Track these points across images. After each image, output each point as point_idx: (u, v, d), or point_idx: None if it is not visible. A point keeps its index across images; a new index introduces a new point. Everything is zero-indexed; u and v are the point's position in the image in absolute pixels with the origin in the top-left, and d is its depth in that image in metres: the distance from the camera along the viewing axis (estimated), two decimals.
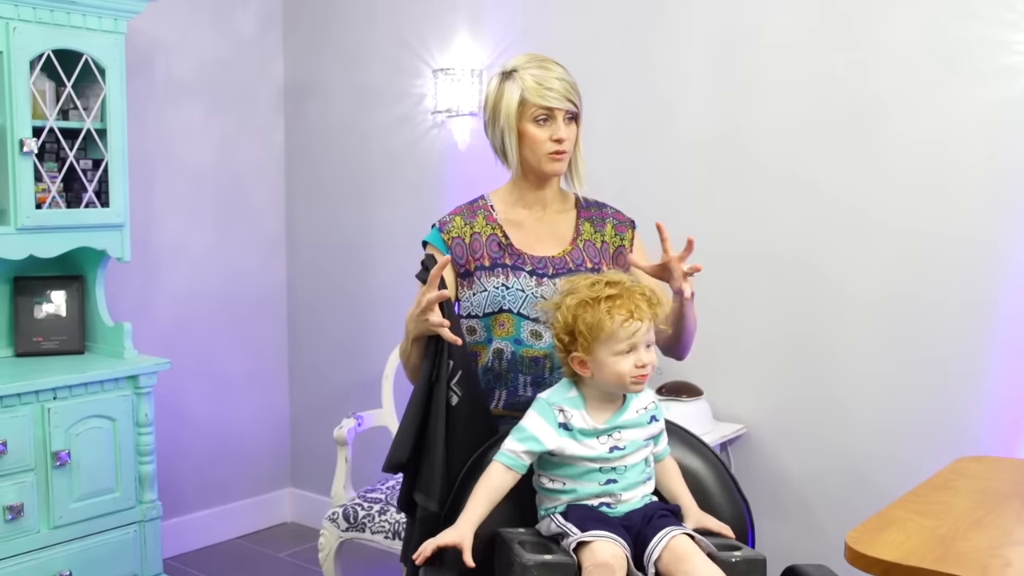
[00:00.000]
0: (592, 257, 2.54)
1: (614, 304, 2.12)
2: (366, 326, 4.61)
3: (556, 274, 2.48)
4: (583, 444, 2.16)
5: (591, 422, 2.16)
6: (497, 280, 2.46)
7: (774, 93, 3.42)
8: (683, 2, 3.58)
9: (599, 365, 2.14)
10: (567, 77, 2.47)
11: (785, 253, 3.42)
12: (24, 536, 3.50)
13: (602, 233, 2.59)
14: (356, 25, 4.59)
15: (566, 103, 2.44)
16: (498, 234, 2.51)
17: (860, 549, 2.03)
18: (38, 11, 3.59)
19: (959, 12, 3.04)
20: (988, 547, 2.05)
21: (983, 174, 3.04)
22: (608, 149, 3.80)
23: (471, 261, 2.48)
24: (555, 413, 2.17)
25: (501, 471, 2.17)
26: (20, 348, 3.94)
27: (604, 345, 2.12)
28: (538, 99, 2.42)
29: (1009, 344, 3.02)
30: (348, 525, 3.55)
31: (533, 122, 2.44)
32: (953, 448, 3.05)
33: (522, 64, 2.47)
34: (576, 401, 2.19)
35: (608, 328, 2.10)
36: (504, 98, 2.46)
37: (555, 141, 2.44)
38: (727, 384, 3.57)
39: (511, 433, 2.20)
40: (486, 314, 2.46)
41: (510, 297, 2.45)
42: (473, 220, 2.53)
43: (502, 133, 2.48)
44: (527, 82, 2.43)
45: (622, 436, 2.18)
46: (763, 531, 3.49)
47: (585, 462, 2.16)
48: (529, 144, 2.46)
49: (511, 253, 2.49)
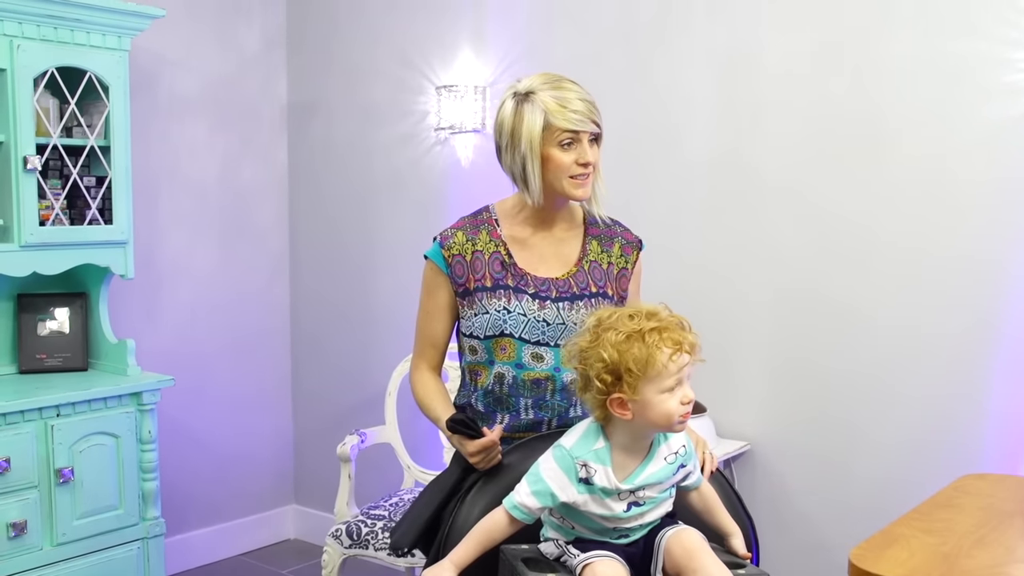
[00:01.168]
0: (597, 280, 2.47)
1: (660, 337, 1.97)
2: (369, 343, 4.61)
3: (560, 297, 2.41)
4: (602, 503, 2.03)
5: (614, 480, 2.02)
6: (499, 303, 2.39)
7: (776, 113, 3.42)
8: (684, 21, 3.59)
9: (644, 405, 1.97)
10: (588, 96, 2.39)
11: (789, 272, 3.42)
12: (27, 553, 3.49)
13: (609, 253, 2.52)
14: (359, 43, 4.61)
15: (591, 125, 2.37)
16: (501, 252, 2.44)
17: (864, 567, 2.01)
18: (42, 28, 3.61)
19: (961, 31, 3.05)
20: (991, 564, 2.05)
21: (985, 193, 3.04)
22: (610, 168, 3.77)
23: (471, 280, 2.42)
24: (577, 467, 2.02)
25: (506, 522, 2.06)
26: (23, 365, 3.94)
27: (652, 383, 1.96)
28: (564, 123, 2.33)
29: (1012, 362, 3.02)
30: (351, 542, 3.54)
31: (558, 147, 2.35)
32: (957, 466, 3.04)
33: (538, 85, 2.36)
34: (603, 455, 2.03)
35: (659, 363, 1.95)
36: (525, 122, 2.35)
37: (582, 165, 2.37)
38: (731, 402, 3.57)
39: (526, 479, 2.06)
40: (487, 336, 2.41)
41: (512, 321, 2.39)
42: (476, 236, 2.45)
43: (523, 160, 2.36)
44: (550, 105, 2.33)
45: (644, 494, 2.05)
46: (766, 548, 3.48)
47: (600, 520, 2.05)
48: (554, 170, 2.36)
49: (514, 274, 2.42)
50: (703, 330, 2.59)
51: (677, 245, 3.64)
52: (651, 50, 3.68)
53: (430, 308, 2.51)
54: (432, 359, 2.55)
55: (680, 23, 3.60)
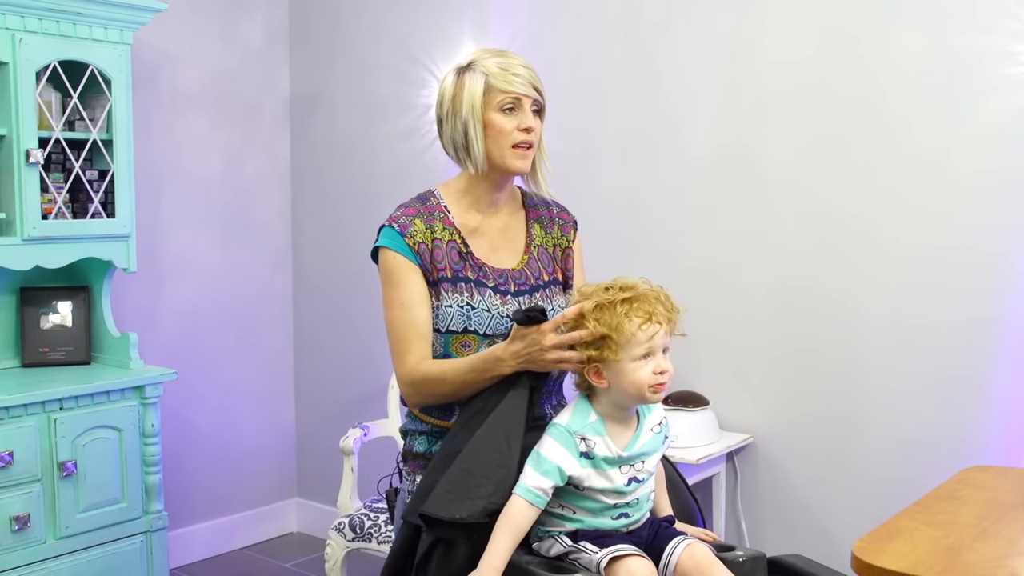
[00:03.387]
0: (546, 266, 2.44)
1: (631, 307, 2.02)
2: (371, 337, 4.61)
3: (519, 291, 2.36)
4: (604, 475, 2.07)
5: (615, 448, 2.07)
6: (461, 298, 2.30)
7: (779, 107, 3.42)
8: (687, 13, 3.58)
9: (617, 373, 2.04)
10: (531, 67, 2.34)
11: (791, 266, 3.42)
12: (31, 546, 3.49)
13: (552, 235, 2.48)
14: (361, 37, 4.60)
15: (533, 91, 2.31)
16: (457, 241, 2.35)
17: (867, 559, 2.01)
18: (44, 22, 3.60)
19: (965, 24, 3.04)
20: (994, 557, 2.05)
21: (989, 186, 3.03)
22: (613, 161, 3.80)
23: (434, 271, 2.32)
24: (576, 442, 2.06)
25: (524, 508, 2.04)
26: (26, 359, 3.94)
27: (623, 350, 2.02)
28: (505, 85, 2.28)
29: (1015, 355, 3.01)
30: (354, 535, 3.54)
31: (499, 111, 2.29)
32: (959, 459, 3.04)
33: (480, 56, 2.34)
34: (598, 427, 2.08)
35: (627, 331, 2.01)
36: (466, 89, 2.30)
37: (523, 131, 2.30)
38: (734, 395, 3.57)
39: (529, 463, 2.07)
40: (449, 331, 2.31)
41: (476, 318, 2.30)
42: (432, 224, 2.35)
43: (465, 125, 2.30)
44: (491, 69, 2.29)
45: (644, 467, 2.11)
46: (768, 539, 3.50)
47: (601, 496, 2.08)
48: (494, 135, 2.30)
49: (472, 265, 2.34)
50: (705, 323, 2.60)
51: (680, 237, 3.64)
52: (654, 41, 3.67)
53: (405, 299, 2.31)
54: (423, 351, 2.31)
55: (683, 14, 3.59)
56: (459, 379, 2.22)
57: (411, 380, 2.30)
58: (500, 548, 2.01)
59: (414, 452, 2.38)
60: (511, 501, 2.04)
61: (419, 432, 2.38)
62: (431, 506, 2.04)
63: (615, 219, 3.78)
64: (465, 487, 2.05)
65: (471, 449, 2.10)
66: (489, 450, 2.08)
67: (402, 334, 2.31)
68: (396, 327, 2.32)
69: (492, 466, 2.06)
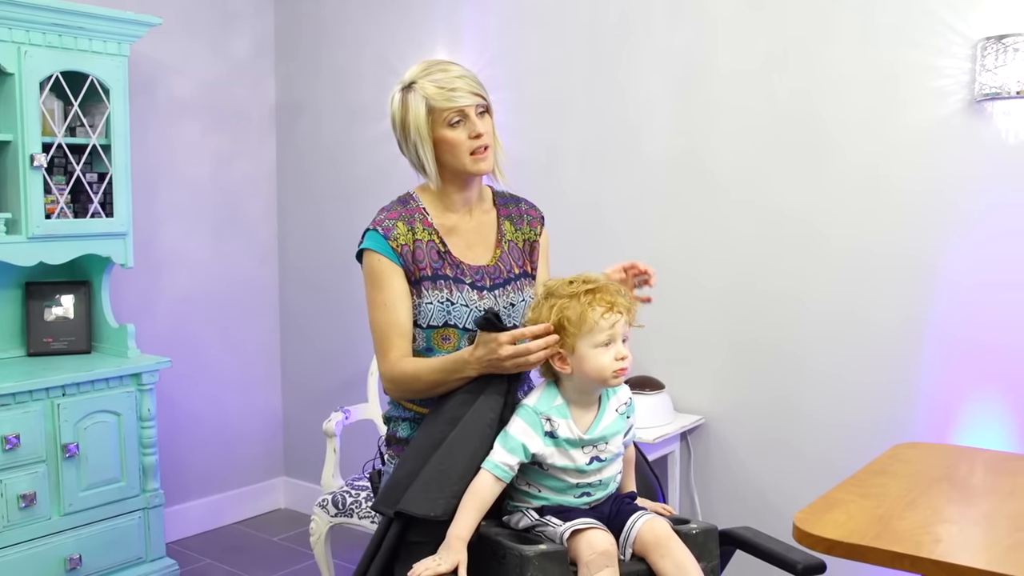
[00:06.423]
0: (516, 260, 2.42)
1: (594, 297, 2.04)
2: (352, 327, 4.62)
3: (493, 285, 2.35)
4: (566, 454, 2.08)
5: (576, 431, 2.08)
6: (441, 294, 2.28)
7: (728, 117, 3.44)
8: (646, 29, 3.61)
9: (580, 359, 2.05)
10: (467, 73, 2.31)
11: (740, 262, 3.46)
12: (36, 522, 3.51)
13: (521, 231, 2.46)
14: (343, 48, 4.60)
15: (474, 98, 2.28)
16: (436, 241, 2.32)
17: (807, 528, 2.05)
18: (48, 35, 3.60)
19: (893, 40, 3.08)
20: (921, 525, 2.09)
21: (915, 194, 3.08)
22: (577, 166, 3.83)
23: (416, 271, 2.29)
24: (542, 422, 2.08)
25: (491, 482, 2.04)
26: (31, 348, 3.94)
27: (586, 338, 2.04)
28: (446, 103, 2.25)
29: (940, 347, 3.07)
30: (337, 511, 3.56)
31: (448, 127, 2.27)
32: (891, 437, 3.09)
33: (418, 74, 2.31)
34: (563, 410, 2.09)
35: (590, 320, 2.03)
36: (411, 112, 2.29)
37: (475, 138, 2.27)
38: (687, 379, 3.60)
39: (498, 441, 2.07)
40: (430, 326, 2.29)
41: (455, 312, 2.28)
42: (413, 225, 2.31)
43: (415, 147, 2.30)
44: (429, 90, 2.26)
45: (607, 448, 2.12)
46: (719, 512, 3.54)
47: (564, 476, 2.10)
48: (450, 150, 2.28)
49: (450, 263, 2.32)
50: (661, 314, 2.63)
51: (638, 236, 3.67)
52: (615, 56, 3.69)
53: (388, 300, 2.28)
54: (403, 348, 2.29)
55: (642, 30, 3.62)
56: (431, 378, 2.21)
57: (391, 376, 2.28)
58: (466, 519, 2.01)
59: (397, 437, 2.38)
60: (479, 475, 2.05)
61: (402, 419, 2.38)
62: (407, 504, 2.05)
63: (579, 219, 3.80)
64: (440, 486, 2.05)
65: (448, 448, 2.09)
66: (465, 451, 2.08)
67: (385, 333, 2.29)
68: (379, 326, 2.30)
69: (468, 467, 2.07)
